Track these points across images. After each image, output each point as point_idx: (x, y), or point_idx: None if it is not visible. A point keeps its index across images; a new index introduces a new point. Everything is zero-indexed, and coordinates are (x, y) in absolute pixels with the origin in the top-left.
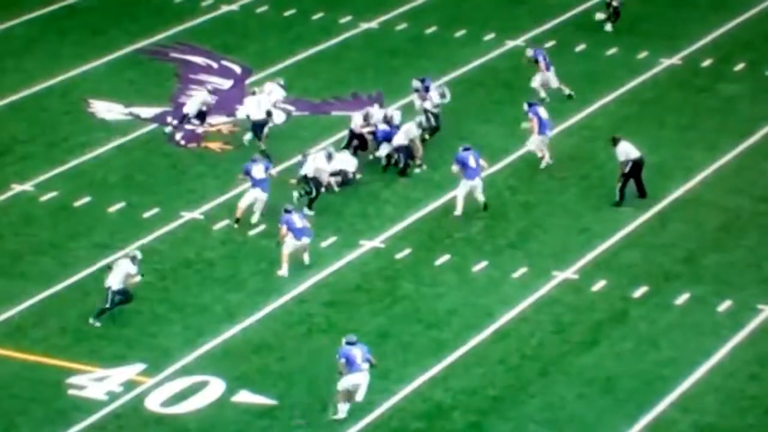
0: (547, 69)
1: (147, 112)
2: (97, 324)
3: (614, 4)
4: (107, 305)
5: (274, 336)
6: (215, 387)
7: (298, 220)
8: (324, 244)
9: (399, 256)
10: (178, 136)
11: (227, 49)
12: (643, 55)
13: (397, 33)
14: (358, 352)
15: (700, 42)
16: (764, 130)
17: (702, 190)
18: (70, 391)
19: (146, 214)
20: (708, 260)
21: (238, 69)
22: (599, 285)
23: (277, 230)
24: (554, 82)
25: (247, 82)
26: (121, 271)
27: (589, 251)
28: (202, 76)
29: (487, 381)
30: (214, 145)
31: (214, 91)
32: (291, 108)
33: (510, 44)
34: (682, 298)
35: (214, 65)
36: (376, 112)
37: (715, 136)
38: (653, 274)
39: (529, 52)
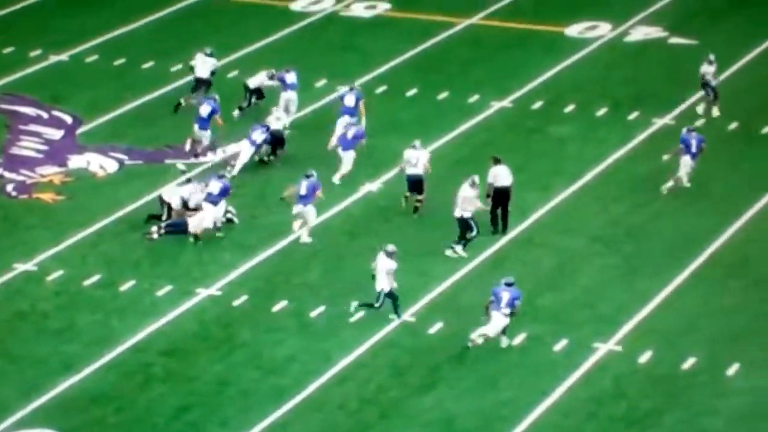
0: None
1: None
2: None
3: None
4: None
5: (111, 386)
6: None
7: (303, 187)
8: (160, 292)
9: (236, 303)
10: (9, 187)
11: (58, 99)
12: (474, 98)
13: (228, 80)
14: (505, 295)
15: (530, 84)
16: (595, 171)
17: (536, 230)
18: None
19: None
20: (544, 300)
21: (68, 119)
22: (437, 327)
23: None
24: None
25: (78, 132)
26: None
27: (426, 294)
28: (33, 127)
29: (327, 426)
30: (46, 196)
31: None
32: (124, 157)
33: (341, 89)
34: (519, 338)
35: (45, 115)
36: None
37: (547, 177)
38: None
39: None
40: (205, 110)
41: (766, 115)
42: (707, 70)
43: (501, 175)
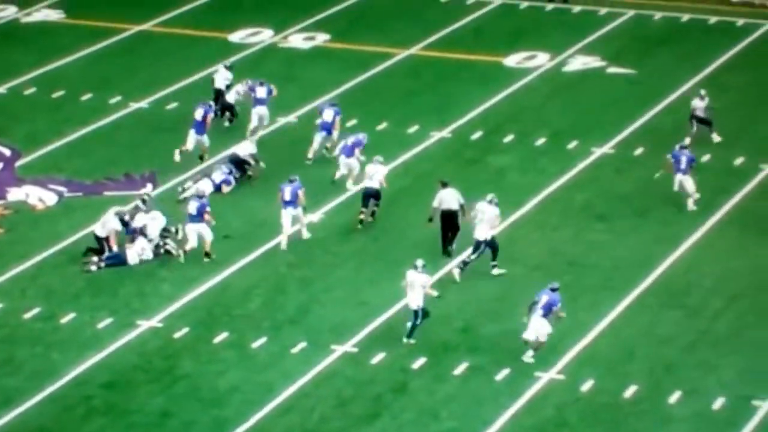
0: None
1: None
2: None
3: None
4: None
5: (52, 420)
6: None
7: (287, 192)
8: (101, 324)
9: (177, 335)
10: None
11: None
12: (414, 128)
13: (167, 112)
14: (545, 298)
15: (469, 115)
16: (535, 200)
17: (477, 261)
18: None
19: None
20: (485, 329)
21: (7, 152)
22: (379, 357)
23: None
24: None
25: (17, 164)
26: None
27: (367, 324)
28: None
29: None
30: None
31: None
32: (63, 190)
33: (281, 120)
34: (461, 368)
35: None
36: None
37: None
38: (432, 345)
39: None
40: (199, 114)
41: (703, 145)
42: (698, 104)
43: (446, 199)
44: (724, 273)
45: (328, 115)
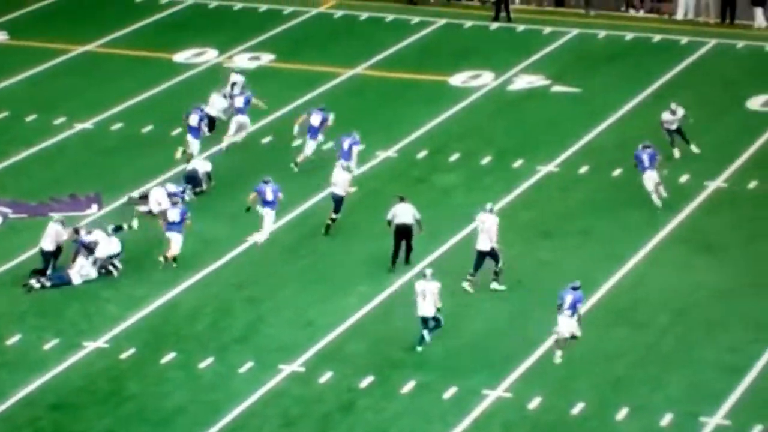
0: None
1: None
2: None
3: None
4: None
5: None
6: None
7: (269, 192)
8: (47, 346)
9: (124, 355)
10: None
11: None
12: (360, 147)
13: (112, 133)
14: (569, 297)
15: (414, 134)
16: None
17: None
18: None
19: None
20: (432, 347)
21: None
22: (326, 376)
23: None
24: None
25: None
26: None
27: (314, 343)
28: None
29: None
30: None
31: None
32: (8, 211)
33: (227, 140)
34: (408, 386)
35: None
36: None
37: (434, 225)
38: (379, 363)
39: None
40: (194, 120)
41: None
42: (667, 118)
43: (400, 213)
44: (670, 289)
45: (315, 119)
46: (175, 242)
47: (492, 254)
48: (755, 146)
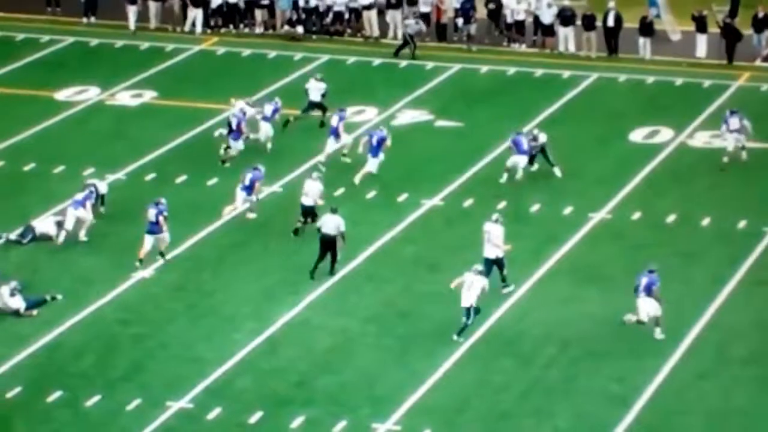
0: None
1: None
2: None
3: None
4: None
5: None
6: None
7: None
8: None
9: (9, 394)
10: None
11: None
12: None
13: None
14: (644, 280)
15: (304, 166)
16: (367, 253)
17: (310, 313)
18: None
19: None
20: (320, 382)
21: None
22: (215, 413)
23: None
24: None
25: None
26: None
27: (202, 379)
28: None
29: None
30: None
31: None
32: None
33: (111, 177)
34: (297, 421)
35: None
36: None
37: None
38: (267, 398)
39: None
40: (234, 123)
41: (534, 192)
42: (533, 144)
43: (326, 223)
44: (556, 320)
45: (334, 120)
46: (148, 243)
47: (497, 262)
48: (638, 178)
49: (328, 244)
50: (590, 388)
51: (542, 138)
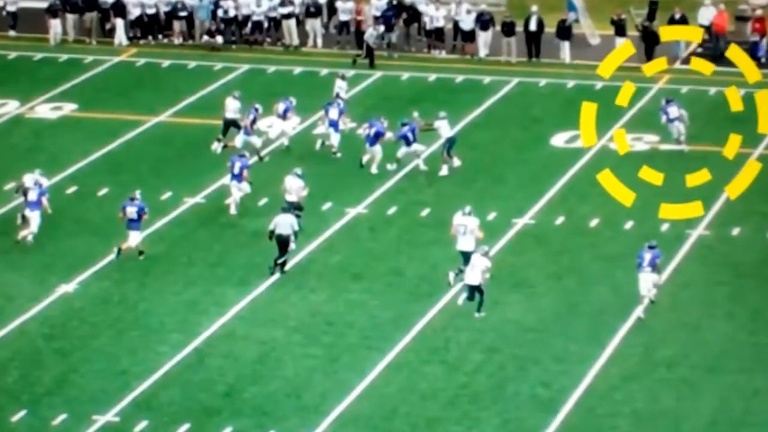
0: None
1: None
2: None
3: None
4: None
5: None
6: None
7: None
8: None
9: None
10: None
11: None
12: (167, 195)
13: None
14: (647, 255)
15: (221, 180)
16: (292, 262)
17: (236, 324)
18: None
19: None
20: (247, 393)
21: None
22: (141, 426)
23: None
24: None
25: None
26: None
27: (128, 392)
28: None
29: None
30: None
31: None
32: None
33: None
34: None
35: None
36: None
37: (244, 271)
38: (194, 410)
39: None
40: (248, 120)
41: (457, 198)
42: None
43: (280, 224)
44: (481, 327)
45: (333, 113)
46: (133, 238)
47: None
48: (560, 183)
49: (283, 244)
50: (517, 393)
51: (445, 130)
